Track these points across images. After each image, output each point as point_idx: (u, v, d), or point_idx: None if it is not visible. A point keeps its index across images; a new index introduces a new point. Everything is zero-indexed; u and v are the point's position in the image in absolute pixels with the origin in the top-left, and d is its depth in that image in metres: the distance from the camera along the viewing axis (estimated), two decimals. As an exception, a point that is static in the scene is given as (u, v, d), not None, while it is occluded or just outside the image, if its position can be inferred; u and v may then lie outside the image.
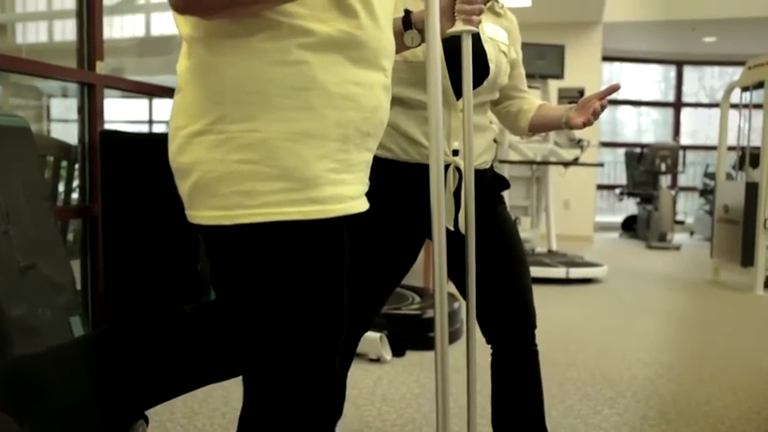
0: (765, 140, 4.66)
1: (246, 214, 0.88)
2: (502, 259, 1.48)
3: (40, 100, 4.27)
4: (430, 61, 0.93)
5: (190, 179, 0.91)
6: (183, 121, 0.92)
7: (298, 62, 0.88)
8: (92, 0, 2.50)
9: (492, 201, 1.52)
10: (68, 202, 2.65)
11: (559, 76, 5.40)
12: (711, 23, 7.75)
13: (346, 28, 0.91)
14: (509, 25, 1.57)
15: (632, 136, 10.06)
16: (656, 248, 7.27)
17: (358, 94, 0.93)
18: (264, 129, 0.87)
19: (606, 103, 1.48)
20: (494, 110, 1.65)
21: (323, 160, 0.90)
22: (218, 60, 0.89)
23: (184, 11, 0.83)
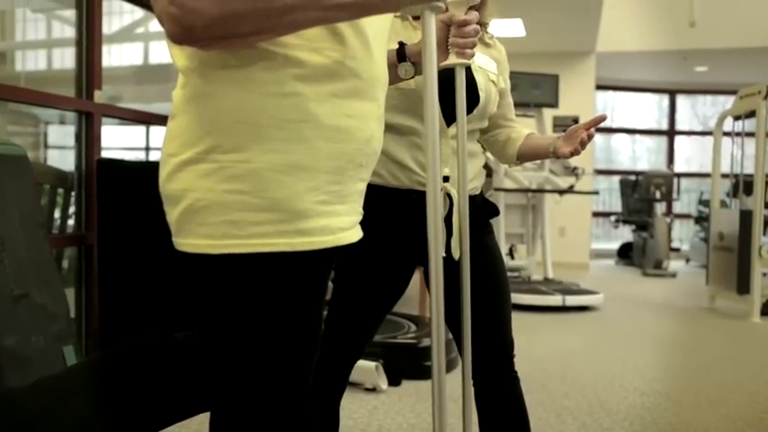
0: (758, 168, 4.70)
1: (233, 244, 0.88)
2: (486, 290, 1.49)
3: (37, 127, 4.29)
4: (427, 95, 0.95)
5: (179, 207, 0.91)
6: (175, 148, 0.92)
7: (292, 94, 0.89)
8: (91, 29, 2.53)
9: (480, 229, 1.53)
10: (64, 230, 2.64)
11: (554, 104, 5.46)
12: (702, 53, 7.88)
13: (340, 58, 0.92)
14: (498, 55, 1.60)
15: (627, 163, 10.13)
16: (652, 276, 7.27)
17: (351, 126, 0.94)
18: (256, 159, 0.88)
19: (593, 133, 1.50)
20: (482, 138, 1.67)
21: (313, 192, 0.91)
22: (213, 90, 0.89)
23: (181, 41, 0.84)
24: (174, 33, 0.81)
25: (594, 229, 9.24)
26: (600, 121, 1.49)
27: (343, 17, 0.87)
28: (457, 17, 1.25)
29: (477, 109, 1.49)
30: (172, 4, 0.78)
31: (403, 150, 1.44)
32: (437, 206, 0.96)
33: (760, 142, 4.70)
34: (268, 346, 0.93)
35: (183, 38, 0.82)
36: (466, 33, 1.25)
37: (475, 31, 1.26)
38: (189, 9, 0.78)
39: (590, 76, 7.77)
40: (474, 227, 1.45)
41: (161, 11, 0.80)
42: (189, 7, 0.78)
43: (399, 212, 1.44)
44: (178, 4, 0.78)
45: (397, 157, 1.44)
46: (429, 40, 0.94)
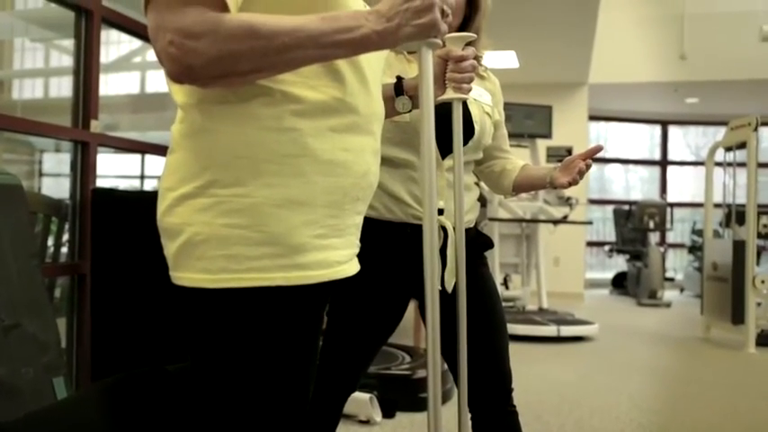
0: (750, 199, 4.73)
1: (230, 278, 0.88)
2: (482, 323, 1.48)
3: (32, 155, 4.29)
4: (424, 129, 0.96)
5: (177, 240, 0.92)
6: (174, 182, 0.93)
7: (290, 129, 0.89)
8: (89, 59, 2.54)
9: (475, 261, 1.53)
10: (57, 259, 2.63)
11: (548, 135, 5.51)
12: (693, 85, 7.99)
13: (337, 94, 0.93)
14: (492, 87, 1.62)
15: (620, 193, 10.19)
16: (647, 305, 7.26)
17: (348, 160, 0.95)
18: (254, 194, 0.88)
19: (591, 163, 1.51)
20: (477, 170, 1.68)
21: (311, 226, 0.91)
22: (211, 125, 0.90)
23: (181, 80, 0.84)
24: (174, 73, 0.82)
25: (589, 258, 9.25)
26: (596, 152, 1.51)
27: (341, 54, 0.88)
28: (454, 52, 1.27)
29: (472, 141, 1.50)
30: (171, 44, 0.79)
31: (398, 183, 1.45)
32: (433, 240, 0.97)
33: (751, 173, 4.74)
34: (263, 381, 0.92)
35: (182, 77, 0.83)
36: (463, 68, 1.27)
37: (472, 66, 1.28)
38: (188, 49, 0.79)
39: (583, 107, 7.85)
40: (469, 259, 1.46)
41: (160, 50, 0.81)
42: (188, 47, 0.79)
43: (394, 246, 1.44)
44: (177, 44, 0.79)
45: (392, 191, 1.45)
46: (426, 76, 0.95)
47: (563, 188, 1.53)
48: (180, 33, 0.79)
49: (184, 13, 0.79)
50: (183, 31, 0.79)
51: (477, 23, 1.51)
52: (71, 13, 2.55)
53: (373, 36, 0.85)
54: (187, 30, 0.79)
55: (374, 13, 0.86)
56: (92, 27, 2.54)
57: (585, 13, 5.44)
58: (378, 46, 0.88)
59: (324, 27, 0.83)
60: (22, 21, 4.46)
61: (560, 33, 5.95)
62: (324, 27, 0.83)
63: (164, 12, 0.80)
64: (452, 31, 1.40)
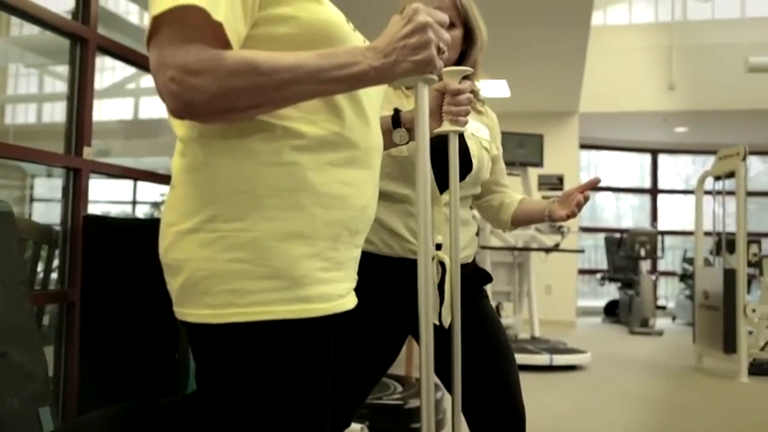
0: (740, 228, 4.76)
1: (235, 313, 0.88)
2: (488, 354, 1.47)
3: (24, 180, 4.28)
4: (419, 163, 0.96)
5: (180, 277, 0.91)
6: (175, 218, 0.93)
7: (289, 163, 0.90)
8: (83, 86, 2.55)
9: (475, 294, 1.53)
10: (46, 287, 2.60)
11: (539, 164, 5.55)
12: (682, 115, 8.10)
13: (337, 129, 0.94)
14: (490, 122, 1.63)
15: (611, 220, 10.24)
16: (639, 334, 7.25)
17: (347, 193, 0.95)
18: (255, 228, 0.88)
19: (589, 195, 1.52)
20: (475, 204, 1.68)
21: (312, 259, 0.91)
22: (212, 160, 0.90)
23: (182, 116, 0.85)
24: (175, 109, 0.82)
25: (581, 286, 9.25)
26: (594, 185, 1.52)
27: (339, 89, 0.89)
28: (451, 86, 1.28)
29: (470, 176, 1.51)
30: (172, 81, 0.80)
31: (396, 218, 1.45)
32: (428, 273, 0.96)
33: (740, 202, 4.78)
34: (273, 417, 0.91)
35: (183, 113, 0.83)
36: (459, 102, 1.28)
37: (468, 99, 1.29)
38: (189, 86, 0.80)
39: (574, 136, 7.93)
40: (468, 294, 1.46)
41: (162, 87, 0.81)
42: (189, 84, 0.80)
43: (391, 281, 1.44)
44: (178, 81, 0.80)
45: (389, 225, 1.44)
46: (422, 111, 0.96)
47: (562, 221, 1.54)
48: (181, 70, 0.79)
49: (186, 49, 0.80)
50: (184, 67, 0.79)
51: (473, 57, 1.53)
52: (66, 40, 2.56)
53: (371, 72, 0.86)
54: (188, 66, 0.79)
55: (372, 49, 0.88)
56: (87, 55, 2.55)
57: (576, 44, 5.52)
58: (375, 81, 0.89)
59: (322, 63, 0.84)
60: (17, 47, 4.48)
61: (551, 63, 6.03)
62: (322, 63, 0.84)
63: (165, 48, 0.80)
64: (449, 65, 1.42)
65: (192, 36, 0.80)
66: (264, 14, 0.89)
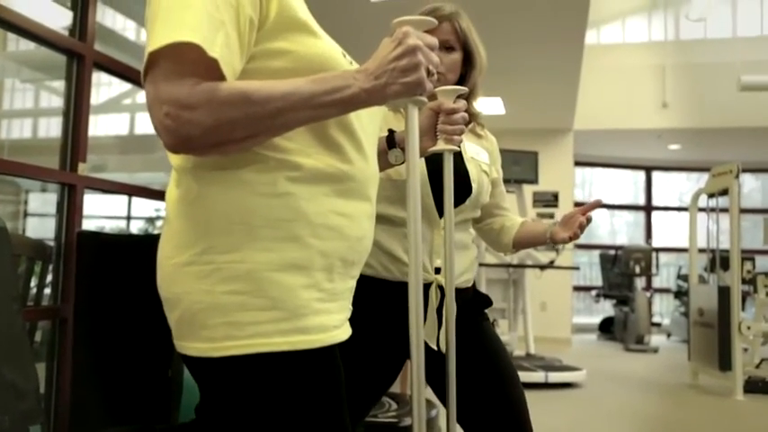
0: (733, 245, 4.78)
1: (235, 346, 0.87)
2: (493, 377, 1.46)
3: (18, 195, 4.26)
4: (409, 184, 0.97)
5: (177, 310, 0.91)
6: (171, 250, 0.92)
7: (284, 194, 0.90)
8: (79, 101, 2.55)
9: (476, 318, 1.52)
10: (39, 303, 2.59)
11: (534, 180, 5.57)
12: (675, 132, 8.16)
13: (333, 162, 0.94)
14: (489, 146, 1.64)
15: (606, 237, 10.26)
16: (634, 351, 7.24)
17: (343, 224, 0.95)
18: (250, 259, 0.88)
19: (591, 218, 1.52)
20: (476, 227, 1.68)
21: (309, 290, 0.91)
22: (206, 191, 0.90)
23: (178, 151, 0.85)
24: (171, 144, 0.83)
25: (576, 303, 9.24)
26: (596, 207, 1.52)
27: (333, 113, 0.89)
28: (446, 105, 1.29)
29: (470, 199, 1.51)
30: (167, 117, 0.80)
31: (395, 242, 1.44)
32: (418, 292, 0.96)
33: (734, 219, 4.80)
34: None
35: (180, 148, 0.84)
36: (454, 121, 1.29)
37: (463, 118, 1.30)
38: (184, 121, 0.80)
39: (568, 153, 7.96)
40: (469, 318, 1.45)
41: (157, 123, 0.81)
42: (184, 119, 0.80)
43: (390, 304, 1.43)
44: (173, 116, 0.80)
45: (388, 249, 1.44)
46: (412, 132, 0.97)
47: (564, 243, 1.53)
48: (176, 105, 0.80)
49: (180, 84, 0.80)
50: (179, 102, 0.80)
51: (473, 80, 1.54)
52: (62, 56, 2.56)
53: (362, 94, 0.87)
54: (183, 101, 0.80)
55: (362, 71, 0.88)
56: (83, 71, 2.55)
57: (570, 62, 5.57)
58: (366, 104, 0.89)
59: (314, 88, 0.85)
60: (14, 62, 4.49)
61: (546, 81, 6.08)
62: (314, 88, 0.85)
63: (160, 83, 0.81)
64: None
65: (187, 71, 0.81)
66: (261, 49, 0.90)
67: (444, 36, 1.49)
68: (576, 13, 4.50)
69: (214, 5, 0.83)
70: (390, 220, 1.44)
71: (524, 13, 4.56)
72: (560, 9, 4.44)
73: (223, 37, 0.83)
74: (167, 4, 0.83)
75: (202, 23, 0.81)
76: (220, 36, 0.82)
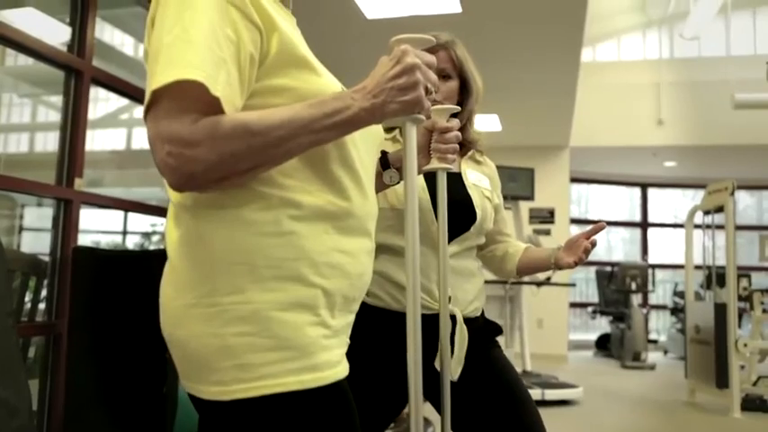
0: (729, 262, 4.78)
1: (244, 388, 0.85)
2: (507, 406, 1.45)
3: (13, 210, 4.25)
4: (407, 202, 0.97)
5: (185, 352, 0.90)
6: (174, 293, 0.91)
7: (287, 233, 0.89)
8: (77, 116, 2.56)
9: (487, 346, 1.51)
10: (33, 319, 2.57)
11: (530, 197, 5.58)
12: (670, 149, 8.20)
13: (334, 199, 0.93)
14: (490, 172, 1.65)
15: (602, 253, 10.26)
16: (631, 368, 7.22)
17: (344, 261, 0.94)
18: (255, 300, 0.86)
19: (596, 241, 1.52)
20: (479, 255, 1.68)
21: (316, 327, 0.90)
22: (207, 232, 0.89)
23: (183, 189, 0.84)
24: (176, 183, 0.82)
25: (572, 319, 9.22)
26: (599, 230, 1.52)
27: (334, 136, 0.89)
28: (439, 124, 1.29)
29: (474, 226, 1.51)
30: (170, 155, 0.79)
31: (402, 272, 1.43)
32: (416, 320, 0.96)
33: (729, 236, 4.81)
34: None
35: (184, 186, 0.83)
36: (447, 139, 1.29)
37: (456, 137, 1.31)
38: (187, 158, 0.79)
39: (565, 170, 7.99)
40: (479, 346, 1.45)
41: (160, 162, 0.80)
42: (187, 157, 0.79)
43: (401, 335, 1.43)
44: (176, 154, 0.79)
45: (396, 279, 1.44)
46: (410, 151, 0.97)
47: (569, 268, 1.52)
48: (178, 143, 0.79)
49: (181, 121, 0.79)
50: (181, 140, 0.79)
51: (469, 107, 1.55)
52: (60, 71, 2.57)
53: (362, 113, 0.87)
54: (185, 139, 0.79)
55: (360, 90, 0.88)
56: (81, 87, 2.56)
57: (566, 79, 5.60)
58: (366, 123, 0.89)
59: (314, 113, 0.84)
60: (11, 77, 4.50)
61: (542, 98, 6.11)
62: (314, 113, 0.84)
63: (161, 121, 0.79)
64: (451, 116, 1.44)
65: (189, 108, 0.80)
66: (262, 85, 0.89)
67: (441, 64, 1.50)
68: (572, 30, 4.54)
69: (216, 42, 0.82)
70: (396, 250, 1.43)
71: (520, 31, 4.60)
72: (556, 27, 4.48)
73: (225, 75, 0.82)
74: (169, 41, 0.82)
75: (206, 61, 0.80)
76: (222, 74, 0.82)
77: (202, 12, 0.83)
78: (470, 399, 1.37)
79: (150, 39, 0.88)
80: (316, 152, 0.91)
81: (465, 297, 1.50)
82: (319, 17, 4.14)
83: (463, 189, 1.51)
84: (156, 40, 0.84)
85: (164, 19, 0.84)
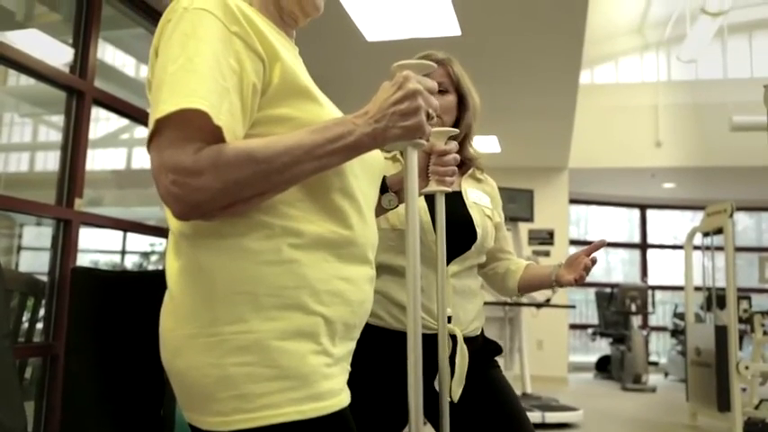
0: (729, 285, 4.76)
1: (244, 419, 0.85)
2: (505, 426, 1.44)
3: (12, 229, 4.24)
4: (408, 225, 0.97)
5: (185, 383, 0.89)
6: (173, 323, 0.91)
7: (288, 261, 0.89)
8: (77, 138, 2.57)
9: (486, 366, 1.51)
10: (30, 339, 2.56)
11: (529, 218, 5.58)
12: (669, 171, 8.22)
13: (335, 228, 0.94)
14: (491, 190, 1.65)
15: (602, 274, 10.24)
16: (632, 390, 7.16)
17: (345, 289, 0.94)
18: (257, 329, 0.86)
19: (596, 259, 1.52)
20: (480, 273, 1.67)
21: (317, 356, 0.89)
22: (208, 262, 0.88)
23: (188, 218, 0.84)
24: (180, 212, 0.82)
25: (572, 341, 9.17)
26: (600, 247, 1.52)
27: (337, 161, 0.89)
28: (438, 147, 1.30)
29: (475, 245, 1.51)
30: (174, 185, 0.79)
31: (404, 293, 1.42)
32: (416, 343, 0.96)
33: (729, 258, 4.80)
34: None
35: (189, 215, 0.83)
36: (446, 162, 1.30)
37: (455, 160, 1.31)
38: (192, 188, 0.79)
39: (564, 191, 8.01)
40: (479, 366, 1.44)
41: (164, 192, 0.80)
42: (192, 186, 0.79)
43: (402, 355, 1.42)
44: (180, 183, 0.79)
45: (398, 300, 1.43)
46: (411, 175, 0.97)
47: (570, 285, 1.52)
48: (182, 173, 0.79)
49: (184, 150, 0.79)
50: (185, 170, 0.79)
51: (467, 122, 1.56)
52: (62, 91, 2.59)
53: (364, 139, 0.87)
54: (189, 168, 0.79)
55: (362, 115, 0.89)
56: (82, 107, 2.58)
57: (565, 101, 5.64)
58: (369, 147, 0.89)
59: (317, 139, 0.85)
60: (13, 97, 4.53)
61: (541, 120, 6.14)
62: (317, 139, 0.85)
63: (165, 151, 0.80)
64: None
65: (192, 137, 0.80)
66: (264, 115, 0.90)
67: (438, 79, 1.52)
68: (571, 53, 4.58)
69: (220, 72, 0.83)
70: (398, 270, 1.43)
71: (519, 54, 4.64)
72: (555, 49, 4.52)
73: (228, 104, 0.83)
74: (173, 71, 0.82)
75: (210, 91, 0.81)
76: (225, 103, 0.82)
77: (207, 42, 0.84)
78: (469, 419, 1.35)
79: (154, 68, 0.88)
80: (317, 182, 0.91)
81: (466, 317, 1.50)
82: (321, 40, 4.17)
83: (463, 208, 1.52)
84: (161, 70, 0.84)
85: (168, 49, 0.85)
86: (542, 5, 3.84)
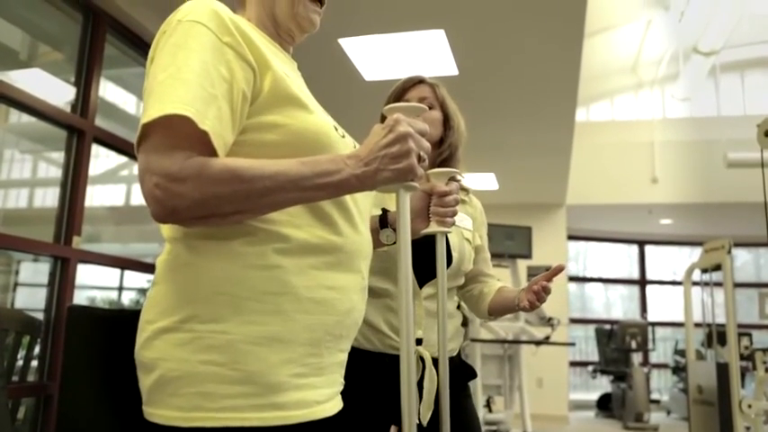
0: (729, 322, 4.74)
1: (203, 417, 0.85)
2: None
3: (9, 266, 4.23)
4: (401, 267, 0.97)
5: (151, 375, 0.89)
6: (153, 315, 0.92)
7: (272, 266, 0.90)
8: (77, 176, 2.58)
9: (457, 393, 1.49)
10: (24, 379, 2.52)
11: (528, 255, 5.57)
12: (666, 207, 8.25)
13: (323, 234, 0.94)
14: (473, 211, 1.65)
15: (601, 310, 10.19)
16: (634, 429, 7.05)
17: (331, 297, 0.94)
18: (232, 331, 0.87)
19: (549, 286, 1.47)
20: (459, 294, 1.68)
21: (289, 365, 0.89)
22: (195, 260, 0.90)
23: (165, 221, 0.86)
24: (159, 214, 0.84)
25: (573, 378, 9.07)
26: (558, 272, 1.51)
27: (321, 197, 0.91)
28: (438, 188, 1.31)
29: (451, 269, 1.51)
30: (157, 187, 0.82)
31: (376, 314, 1.44)
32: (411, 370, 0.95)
33: (728, 295, 4.78)
34: None
35: (166, 218, 0.85)
36: (446, 203, 1.30)
37: (455, 201, 1.32)
38: (173, 193, 0.82)
39: (561, 227, 8.02)
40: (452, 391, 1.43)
41: (147, 192, 0.83)
42: (173, 191, 0.82)
43: (373, 376, 1.41)
44: (163, 187, 0.82)
45: (369, 320, 1.44)
46: (403, 217, 0.98)
47: (525, 310, 1.51)
48: (166, 177, 0.82)
49: (171, 157, 0.82)
50: (169, 175, 0.82)
51: (450, 139, 1.57)
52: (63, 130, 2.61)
53: (352, 180, 0.88)
54: (173, 174, 0.82)
55: (353, 157, 0.90)
56: (83, 146, 2.60)
57: (562, 139, 5.69)
58: (357, 189, 0.91)
59: (305, 171, 0.87)
60: (13, 134, 4.56)
61: (538, 157, 6.19)
62: (305, 171, 0.87)
63: (152, 155, 0.83)
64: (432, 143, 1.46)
65: (179, 144, 0.83)
66: (253, 122, 0.92)
67: (423, 94, 1.55)
68: (567, 90, 4.64)
69: (209, 81, 0.86)
70: (371, 290, 1.43)
71: (517, 92, 4.70)
72: (551, 87, 4.58)
73: (215, 110, 0.85)
74: (162, 79, 0.85)
75: (196, 97, 0.84)
76: (212, 109, 0.85)
77: (197, 52, 0.87)
78: None
79: (147, 76, 0.91)
80: None
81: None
82: (320, 79, 4.23)
83: None
84: (151, 78, 0.87)
85: (160, 59, 0.88)
86: (538, 44, 3.91)
